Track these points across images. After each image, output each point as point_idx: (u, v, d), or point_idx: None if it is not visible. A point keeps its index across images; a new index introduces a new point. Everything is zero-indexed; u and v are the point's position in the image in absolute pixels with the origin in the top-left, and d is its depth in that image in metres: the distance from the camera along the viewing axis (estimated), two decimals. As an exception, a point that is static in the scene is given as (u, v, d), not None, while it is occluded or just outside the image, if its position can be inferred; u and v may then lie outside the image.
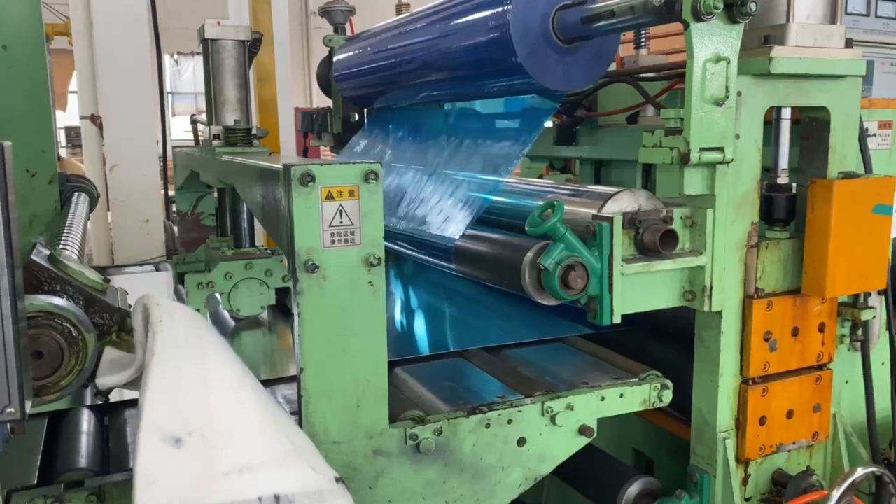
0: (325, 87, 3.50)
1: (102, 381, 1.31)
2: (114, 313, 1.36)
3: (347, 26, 3.78)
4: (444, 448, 1.64)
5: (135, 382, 1.34)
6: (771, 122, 1.84)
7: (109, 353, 1.34)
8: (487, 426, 1.67)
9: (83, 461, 1.55)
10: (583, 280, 1.65)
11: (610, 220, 1.67)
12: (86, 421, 1.76)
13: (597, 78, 2.18)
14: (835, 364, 1.99)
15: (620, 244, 1.68)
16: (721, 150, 1.67)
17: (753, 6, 1.59)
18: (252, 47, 2.51)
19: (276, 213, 1.56)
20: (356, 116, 3.41)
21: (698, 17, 1.57)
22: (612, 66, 3.05)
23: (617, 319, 1.70)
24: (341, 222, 1.46)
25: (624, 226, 1.72)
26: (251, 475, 1.31)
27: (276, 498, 1.32)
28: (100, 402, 1.83)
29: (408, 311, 2.72)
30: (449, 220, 2.10)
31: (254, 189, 1.81)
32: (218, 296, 2.46)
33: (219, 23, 2.55)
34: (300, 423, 1.50)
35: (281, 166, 1.47)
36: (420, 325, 2.52)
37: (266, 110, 5.24)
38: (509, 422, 1.70)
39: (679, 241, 1.77)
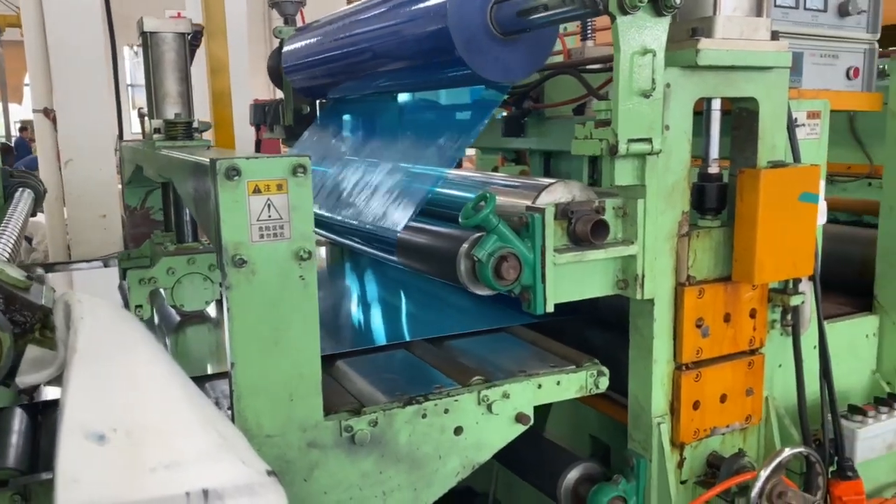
0: (276, 78, 3.47)
1: (23, 380, 1.30)
2: (36, 311, 1.34)
3: (299, 18, 3.77)
4: (380, 439, 1.65)
5: (58, 380, 1.33)
6: (702, 113, 1.88)
7: (32, 351, 1.33)
8: (424, 416, 1.69)
9: (10, 460, 1.54)
10: (515, 270, 1.67)
11: (542, 211, 1.69)
12: (17, 420, 1.74)
13: (536, 69, 2.20)
14: (767, 348, 2.04)
15: (553, 235, 1.71)
16: (649, 141, 1.70)
17: (678, 0, 1.61)
18: (193, 40, 2.48)
19: (207, 208, 1.55)
20: (308, 108, 3.39)
21: (624, 10, 1.59)
22: (560, 58, 3.10)
23: (550, 308, 1.73)
24: (270, 216, 1.46)
25: (556, 217, 1.74)
26: (179, 470, 1.31)
27: (205, 492, 1.32)
28: (26, 402, 1.81)
29: (356, 304, 2.73)
30: (393, 212, 2.10)
31: (187, 184, 1.79)
32: (162, 291, 2.44)
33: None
34: (233, 418, 1.50)
35: (208, 161, 1.47)
36: (367, 318, 2.53)
37: (220, 102, 5.18)
38: (446, 411, 1.72)
39: (610, 230, 1.80)
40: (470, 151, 4.66)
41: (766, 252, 1.81)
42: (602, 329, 2.28)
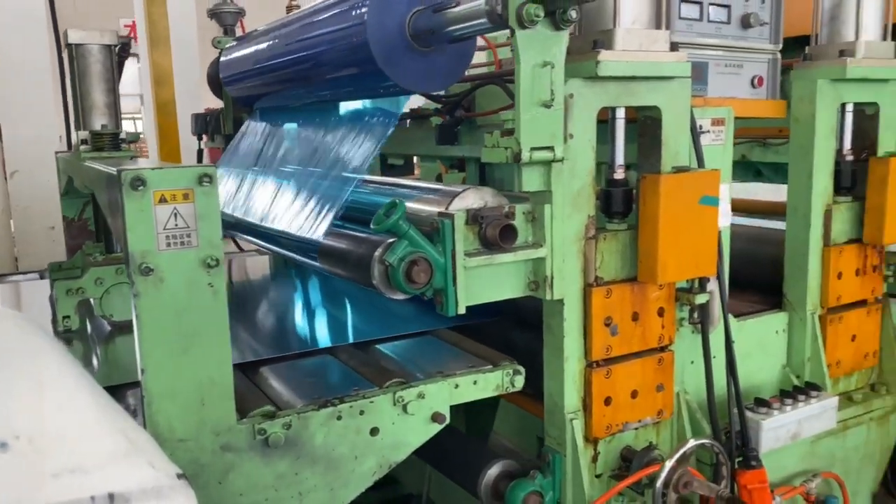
0: (216, 88, 3.50)
1: (-76, 390, 1.32)
2: (-60, 322, 1.36)
3: (238, 28, 3.80)
4: (295, 441, 1.69)
5: (-39, 390, 1.35)
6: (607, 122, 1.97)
7: (-66, 361, 1.34)
8: (339, 418, 1.74)
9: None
10: (426, 274, 1.73)
11: (451, 216, 1.75)
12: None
13: (456, 79, 2.26)
14: (680, 345, 2.13)
15: (463, 239, 1.77)
16: (551, 149, 1.78)
17: (574, 14, 1.69)
18: (121, 51, 2.50)
19: (118, 218, 1.58)
20: (247, 117, 3.42)
21: (522, 24, 1.66)
22: (493, 68, 3.18)
23: (462, 310, 1.79)
24: (176, 225, 1.50)
25: (467, 222, 1.81)
26: (83, 475, 1.33)
27: (111, 496, 1.35)
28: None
29: (290, 311, 2.77)
30: (315, 218, 2.15)
31: (103, 195, 1.82)
32: (92, 301, 2.45)
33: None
34: (144, 423, 1.53)
35: (116, 171, 1.50)
36: (299, 325, 2.57)
37: (165, 112, 5.16)
38: (361, 413, 1.77)
39: (520, 234, 1.87)
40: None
41: (669, 253, 1.90)
42: (526, 330, 2.35)
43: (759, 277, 2.59)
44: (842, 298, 2.42)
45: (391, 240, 1.76)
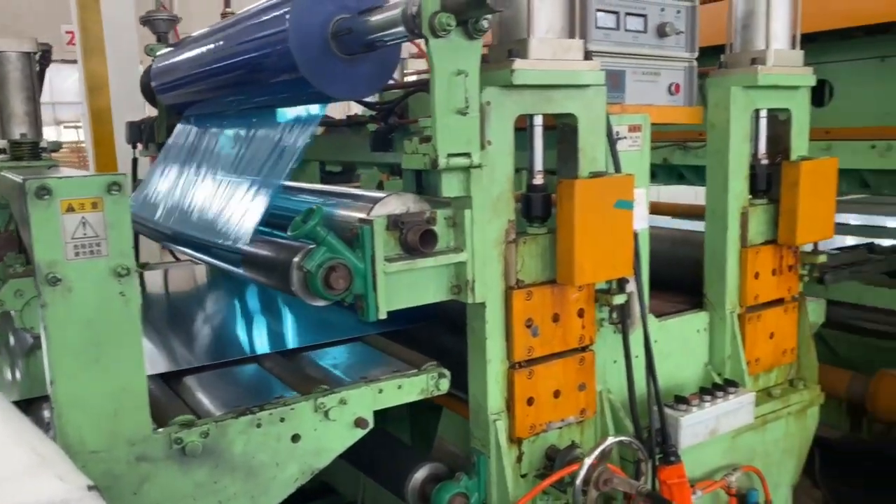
0: (149, 96, 3.46)
1: None
2: None
3: (173, 35, 3.76)
4: (214, 449, 1.69)
5: None
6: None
7: None
8: (259, 426, 1.74)
9: None
10: (345, 280, 1.75)
11: (371, 222, 1.77)
12: None
13: (381, 86, 2.29)
14: (603, 345, 2.19)
15: (383, 245, 1.79)
16: (468, 155, 1.81)
17: (485, 23, 1.74)
18: (42, 59, 2.46)
19: (24, 228, 1.56)
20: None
21: (435, 33, 1.70)
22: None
23: (382, 315, 1.81)
24: (85, 234, 1.48)
25: (388, 227, 1.83)
26: (-12, 491, 1.31)
27: (16, 510, 1.33)
28: None
29: (220, 320, 2.75)
30: (238, 226, 2.15)
31: (14, 205, 1.79)
32: (13, 313, 2.39)
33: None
34: (55, 435, 1.51)
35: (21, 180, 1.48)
36: (228, 333, 2.56)
37: (100, 120, 5.06)
38: (282, 420, 1.77)
39: (442, 239, 1.90)
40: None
41: (586, 255, 1.95)
42: (459, 334, 2.38)
43: (682, 278, 2.67)
44: (759, 297, 2.51)
45: (311, 246, 1.77)
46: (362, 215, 1.88)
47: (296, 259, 1.77)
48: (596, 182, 1.98)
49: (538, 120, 2.00)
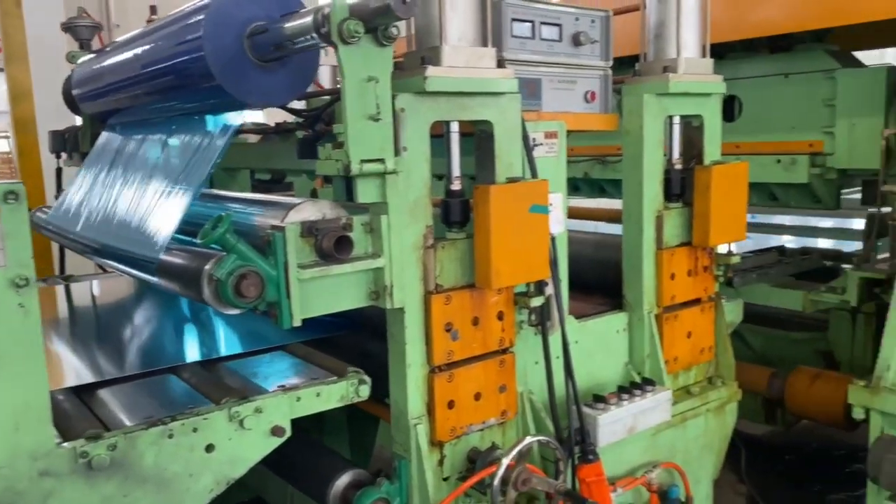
0: (72, 104, 3.38)
1: None
2: None
3: (97, 42, 3.68)
4: (122, 462, 1.65)
5: None
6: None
7: None
8: (170, 436, 1.71)
9: None
10: (256, 288, 1.74)
11: (283, 229, 1.77)
12: None
13: (299, 93, 2.29)
14: (522, 347, 2.22)
15: (296, 251, 1.79)
16: (382, 161, 1.83)
17: (395, 31, 1.76)
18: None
19: (-83, 239, 1.51)
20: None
21: (344, 40, 1.71)
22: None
23: (297, 323, 1.80)
24: (-21, 244, 1.44)
25: (303, 234, 1.83)
26: None
27: None
28: None
29: (140, 331, 2.70)
30: (154, 235, 2.11)
31: None
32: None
33: None
34: (-50, 453, 1.46)
35: (-90, 190, 1.43)
36: (147, 344, 2.51)
37: (24, 130, 4.90)
38: (195, 430, 1.74)
39: (359, 245, 1.91)
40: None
41: (502, 259, 1.98)
42: (380, 340, 2.38)
43: (605, 280, 2.73)
44: (676, 298, 2.59)
45: (222, 254, 1.75)
46: (276, 222, 1.88)
47: (207, 267, 1.76)
48: (511, 187, 2.02)
49: (454, 126, 2.03)
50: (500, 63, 2.05)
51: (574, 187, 4.21)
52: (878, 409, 2.61)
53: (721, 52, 3.62)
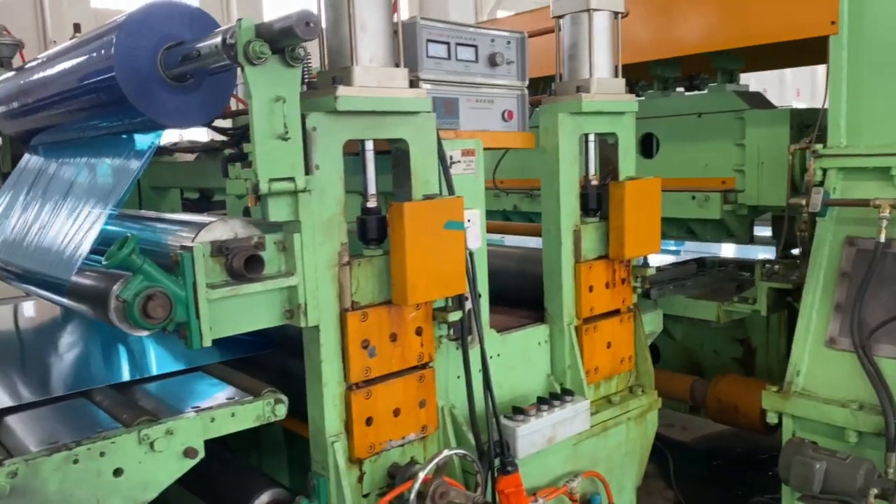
0: (-10, 124, 3.29)
1: None
2: None
3: (19, 60, 3.60)
4: (25, 490, 1.62)
5: None
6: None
7: None
8: (75, 461, 1.68)
9: None
10: (164, 309, 1.72)
11: (190, 249, 1.76)
12: None
13: (216, 114, 2.29)
14: (445, 361, 2.26)
15: (207, 271, 1.79)
16: (292, 180, 1.84)
17: (302, 51, 1.78)
18: None
19: None
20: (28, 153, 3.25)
21: (250, 60, 1.73)
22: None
23: (207, 343, 1.79)
24: None
25: (212, 253, 1.83)
26: None
27: None
28: None
29: (57, 355, 2.64)
30: (67, 256, 2.08)
31: None
32: None
33: None
34: None
35: None
36: (63, 368, 2.46)
37: (-56, 150, 4.74)
38: (102, 454, 1.71)
39: (271, 263, 1.91)
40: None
41: (417, 275, 2.01)
42: (301, 359, 2.38)
43: (530, 293, 2.79)
44: (595, 309, 2.66)
45: (129, 275, 1.74)
46: (186, 242, 1.87)
47: (113, 288, 1.74)
48: (425, 204, 2.05)
49: (369, 145, 2.06)
50: (414, 83, 2.10)
51: (506, 218, 4.31)
52: (790, 413, 2.73)
53: (639, 92, 3.78)
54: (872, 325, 2.59)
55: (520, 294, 2.79)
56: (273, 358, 2.42)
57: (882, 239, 2.60)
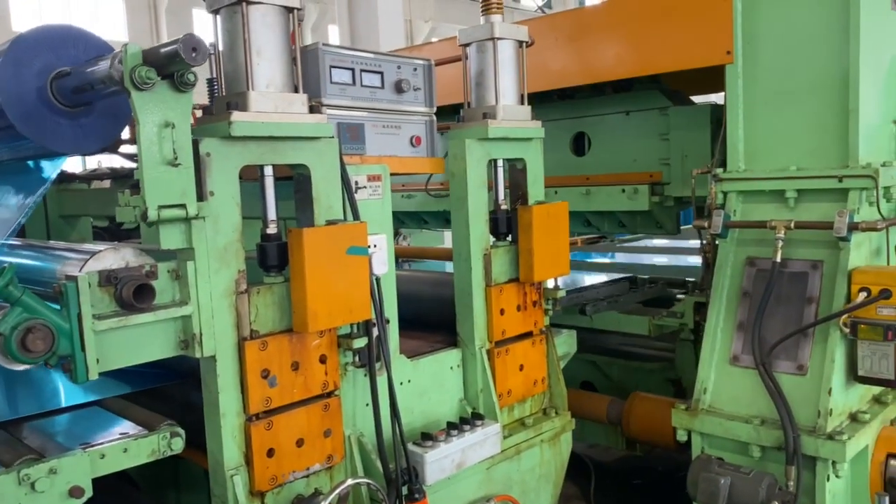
0: None
1: None
2: None
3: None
4: None
5: None
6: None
7: None
8: (-56, 507, 1.58)
9: None
10: (44, 342, 1.65)
11: (75, 279, 1.70)
12: None
13: (112, 139, 2.23)
14: (352, 389, 2.23)
15: (92, 301, 1.72)
16: (183, 206, 1.80)
17: (192, 77, 1.76)
18: None
19: None
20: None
21: (136, 86, 1.69)
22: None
23: (94, 376, 1.72)
24: None
25: (101, 283, 1.77)
26: None
27: None
28: None
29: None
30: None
31: None
32: None
33: None
34: None
35: None
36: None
37: None
38: (-25, 498, 1.62)
39: (165, 293, 1.86)
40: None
41: (318, 302, 1.99)
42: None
43: (445, 318, 2.79)
44: (507, 332, 2.68)
45: (7, 308, 1.66)
46: (73, 271, 1.80)
47: (-11, 322, 1.66)
48: (326, 230, 2.04)
49: (268, 170, 2.03)
50: (315, 108, 2.09)
51: (422, 220, 4.35)
52: (698, 430, 2.79)
53: (571, 94, 3.87)
54: (772, 342, 2.68)
55: (436, 318, 2.79)
56: (178, 389, 2.35)
57: (778, 259, 2.71)
